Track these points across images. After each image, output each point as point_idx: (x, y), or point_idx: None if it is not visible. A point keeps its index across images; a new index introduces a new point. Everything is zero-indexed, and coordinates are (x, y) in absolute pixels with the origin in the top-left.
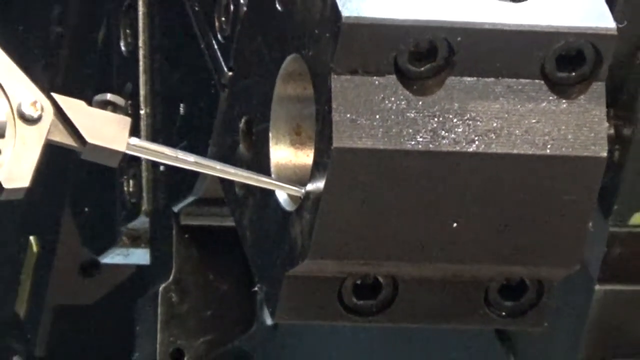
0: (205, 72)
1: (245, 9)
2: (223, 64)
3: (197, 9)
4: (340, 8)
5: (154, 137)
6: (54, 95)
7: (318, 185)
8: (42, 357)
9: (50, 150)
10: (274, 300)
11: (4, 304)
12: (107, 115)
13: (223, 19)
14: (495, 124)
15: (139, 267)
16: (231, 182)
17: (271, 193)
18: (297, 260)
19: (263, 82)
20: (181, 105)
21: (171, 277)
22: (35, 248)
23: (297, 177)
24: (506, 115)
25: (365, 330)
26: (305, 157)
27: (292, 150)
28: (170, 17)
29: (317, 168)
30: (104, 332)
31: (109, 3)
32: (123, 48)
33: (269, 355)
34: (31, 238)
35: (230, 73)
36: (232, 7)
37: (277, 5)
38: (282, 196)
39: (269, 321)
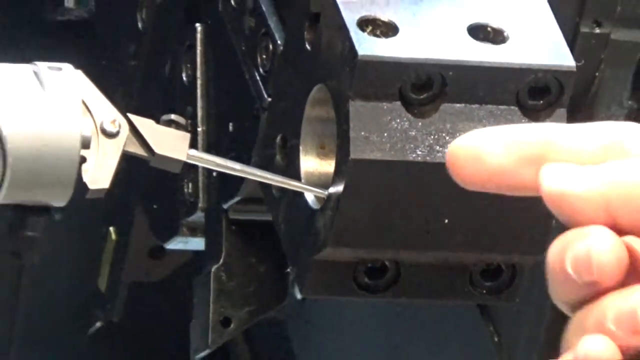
0: (249, 98)
1: (280, 48)
2: (263, 91)
3: (243, 48)
4: (357, 48)
5: (208, 149)
6: (129, 115)
7: (338, 188)
8: (118, 323)
9: (126, 159)
10: (302, 280)
11: (89, 281)
12: (171, 131)
13: (264, 56)
14: None
15: (196, 252)
16: (269, 186)
17: (301, 195)
18: (320, 248)
19: (295, 106)
20: (230, 124)
21: (221, 261)
22: (113, 236)
23: (322, 182)
24: None
25: (374, 306)
26: (328, 166)
27: (317, 161)
28: (222, 55)
29: (338, 175)
30: (168, 303)
31: (174, 43)
32: (185, 79)
33: (297, 322)
34: (111, 229)
35: (269, 99)
36: (270, 48)
37: (307, 46)
38: (309, 197)
39: (298, 296)
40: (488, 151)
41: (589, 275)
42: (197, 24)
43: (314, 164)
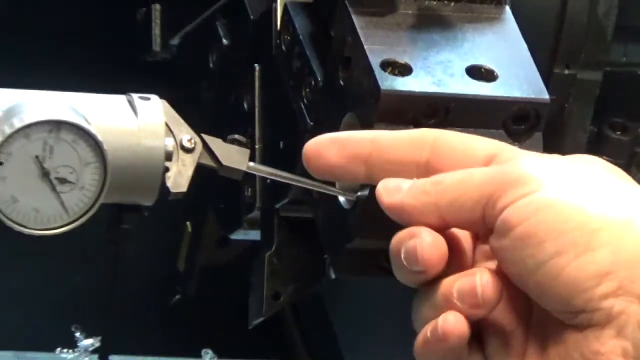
0: (296, 122)
1: (320, 84)
2: (307, 117)
3: (291, 83)
4: (380, 84)
5: (263, 162)
6: (203, 135)
7: (364, 193)
8: (193, 296)
9: (200, 169)
10: (336, 264)
11: (171, 263)
12: (235, 147)
13: (307, 90)
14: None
15: (253, 242)
16: (310, 190)
17: (335, 198)
18: (350, 239)
19: (331, 129)
20: (281, 142)
21: (273, 248)
22: (189, 229)
23: (352, 188)
24: None
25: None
26: None
27: None
28: (275, 89)
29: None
30: (231, 281)
31: (237, 79)
32: (245, 107)
33: (333, 296)
34: (187, 223)
35: (311, 123)
36: (312, 83)
37: (341, 82)
38: (342, 199)
39: (332, 276)
40: (325, 151)
41: (417, 265)
42: (256, 65)
43: None
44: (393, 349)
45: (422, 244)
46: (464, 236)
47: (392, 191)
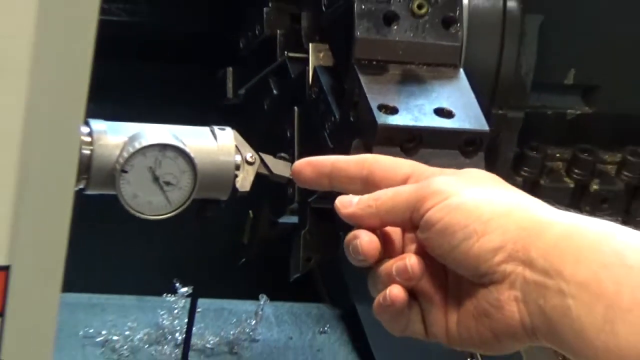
0: (323, 145)
1: (338, 120)
2: (329, 142)
3: (318, 120)
4: (377, 120)
5: None
6: (260, 153)
7: None
8: (253, 260)
9: (258, 176)
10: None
11: (238, 239)
12: (281, 162)
13: (329, 124)
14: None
15: (294, 224)
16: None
17: None
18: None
19: (344, 151)
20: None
21: (307, 228)
22: (251, 215)
23: None
24: (445, 164)
25: None
26: None
27: None
28: (308, 123)
29: None
30: (278, 249)
31: (284, 116)
32: (288, 135)
33: (345, 259)
34: (250, 211)
35: (331, 146)
36: (332, 119)
37: (351, 118)
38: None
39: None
40: (303, 170)
41: (359, 256)
42: (295, 107)
43: None
44: None
45: (362, 242)
46: (396, 230)
47: (346, 205)
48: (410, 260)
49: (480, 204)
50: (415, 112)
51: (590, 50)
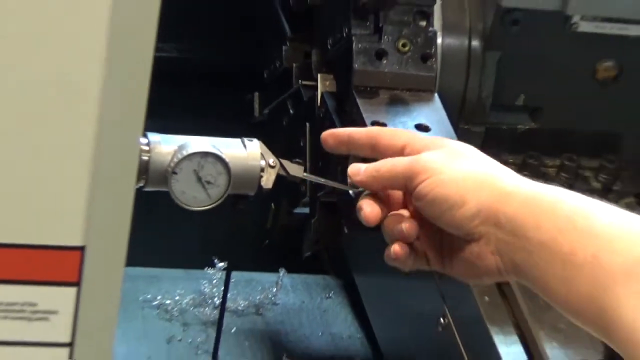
0: (326, 153)
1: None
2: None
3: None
4: (368, 124)
5: (312, 173)
6: (280, 159)
7: (360, 189)
8: (275, 241)
9: (278, 176)
10: (347, 225)
11: (263, 225)
12: (296, 165)
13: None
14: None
15: (306, 214)
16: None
17: (347, 191)
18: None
19: (344, 157)
20: (320, 162)
21: (316, 217)
22: (273, 207)
23: (355, 185)
24: None
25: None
26: None
27: None
28: (317, 135)
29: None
30: (295, 234)
31: (298, 131)
32: (302, 144)
33: (347, 241)
34: (272, 204)
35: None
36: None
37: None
38: (350, 192)
39: (345, 231)
40: (327, 139)
41: (365, 223)
42: (307, 123)
43: None
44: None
45: (365, 212)
46: (398, 193)
47: (355, 173)
48: (405, 225)
49: (459, 179)
50: (400, 127)
51: (535, 79)
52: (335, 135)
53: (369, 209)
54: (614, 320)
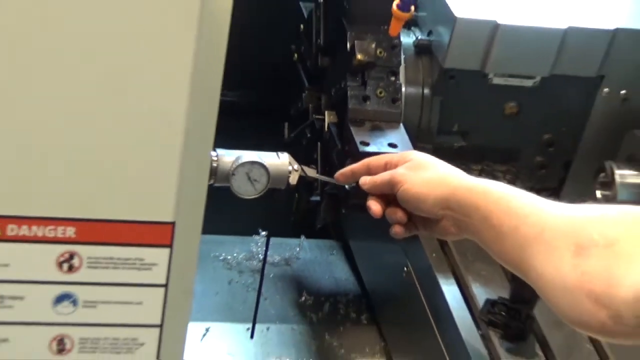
0: (332, 162)
1: (340, 150)
2: (335, 161)
3: (329, 149)
4: (359, 149)
5: (321, 174)
6: (301, 165)
7: (353, 184)
8: (300, 218)
9: (299, 177)
10: (345, 207)
11: (291, 209)
12: (311, 169)
13: (335, 151)
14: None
15: (317, 201)
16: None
17: (343, 186)
18: (349, 199)
19: (343, 166)
20: (326, 168)
21: (324, 202)
22: (297, 196)
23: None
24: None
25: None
26: None
27: None
28: (326, 150)
29: None
30: (312, 213)
31: (313, 147)
32: (315, 157)
33: (350, 218)
34: (296, 194)
35: (336, 163)
36: (337, 149)
37: (346, 148)
38: (347, 186)
39: (343, 211)
40: (339, 178)
41: (374, 215)
42: (319, 143)
43: None
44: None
45: (373, 210)
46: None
47: (364, 182)
48: (397, 214)
49: (422, 183)
50: (378, 145)
51: (465, 114)
52: (342, 174)
53: (375, 207)
54: (529, 268)
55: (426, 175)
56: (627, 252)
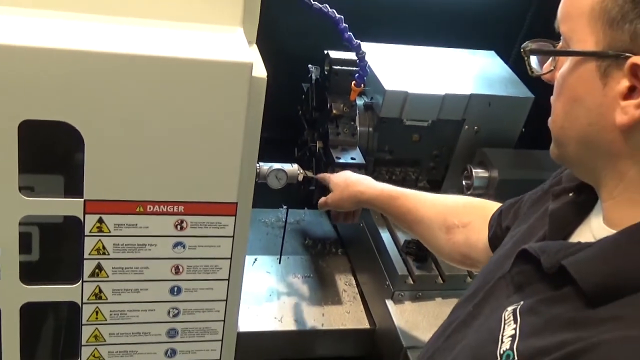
0: (322, 169)
1: (325, 161)
2: (322, 167)
3: (320, 162)
4: (335, 160)
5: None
6: (305, 171)
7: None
8: (299, 205)
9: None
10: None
11: (299, 194)
12: (310, 172)
13: (322, 162)
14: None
15: (313, 190)
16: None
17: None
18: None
19: (326, 171)
20: (317, 173)
21: (316, 193)
22: (302, 187)
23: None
24: (355, 172)
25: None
26: None
27: None
28: (319, 163)
29: None
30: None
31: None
32: (312, 166)
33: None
34: (301, 186)
35: (324, 168)
36: (324, 161)
37: (330, 160)
38: (325, 184)
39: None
40: (322, 207)
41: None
42: (313, 159)
43: None
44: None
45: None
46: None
47: (321, 205)
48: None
49: (347, 198)
50: (345, 158)
51: (391, 141)
52: (320, 205)
53: (324, 207)
54: (421, 239)
55: (347, 191)
56: (476, 228)
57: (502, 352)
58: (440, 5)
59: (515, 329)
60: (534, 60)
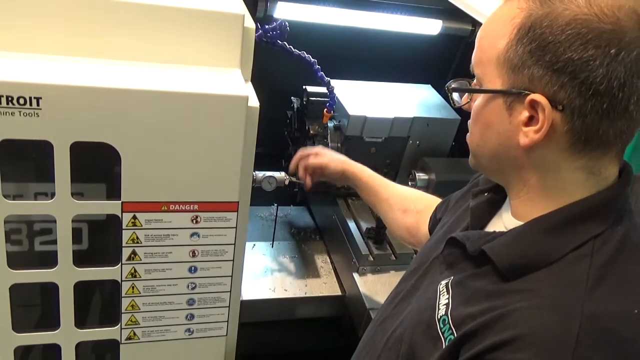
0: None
1: None
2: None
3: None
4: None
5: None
6: (290, 176)
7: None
8: (302, 201)
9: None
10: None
11: (292, 192)
12: (294, 178)
13: None
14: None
15: (296, 190)
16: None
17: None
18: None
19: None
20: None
21: (310, 187)
22: (289, 188)
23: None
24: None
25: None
26: None
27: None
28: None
29: None
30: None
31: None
32: (296, 172)
33: (309, 197)
34: (289, 187)
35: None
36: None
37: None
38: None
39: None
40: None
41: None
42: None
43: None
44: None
45: (307, 184)
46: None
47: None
48: (308, 180)
49: (333, 166)
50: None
51: (354, 154)
52: (311, 165)
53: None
54: (383, 217)
55: (334, 161)
56: (424, 216)
57: (439, 317)
58: (388, 51)
59: (448, 298)
60: (455, 94)
